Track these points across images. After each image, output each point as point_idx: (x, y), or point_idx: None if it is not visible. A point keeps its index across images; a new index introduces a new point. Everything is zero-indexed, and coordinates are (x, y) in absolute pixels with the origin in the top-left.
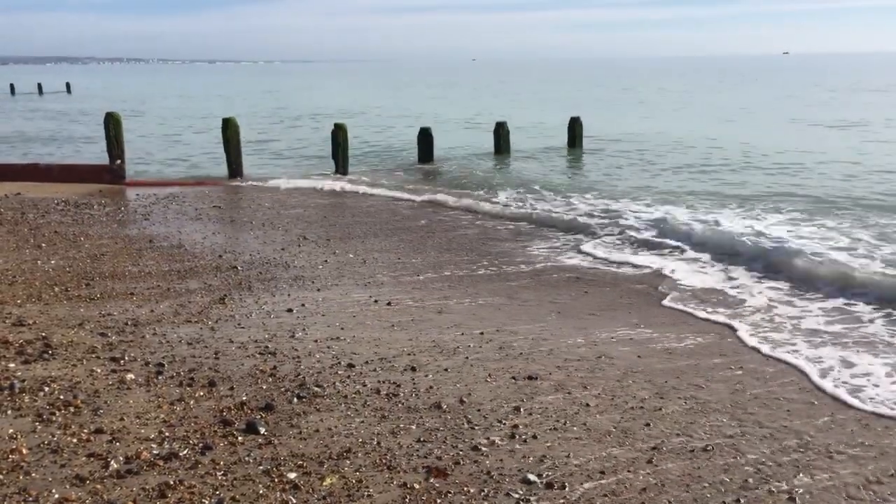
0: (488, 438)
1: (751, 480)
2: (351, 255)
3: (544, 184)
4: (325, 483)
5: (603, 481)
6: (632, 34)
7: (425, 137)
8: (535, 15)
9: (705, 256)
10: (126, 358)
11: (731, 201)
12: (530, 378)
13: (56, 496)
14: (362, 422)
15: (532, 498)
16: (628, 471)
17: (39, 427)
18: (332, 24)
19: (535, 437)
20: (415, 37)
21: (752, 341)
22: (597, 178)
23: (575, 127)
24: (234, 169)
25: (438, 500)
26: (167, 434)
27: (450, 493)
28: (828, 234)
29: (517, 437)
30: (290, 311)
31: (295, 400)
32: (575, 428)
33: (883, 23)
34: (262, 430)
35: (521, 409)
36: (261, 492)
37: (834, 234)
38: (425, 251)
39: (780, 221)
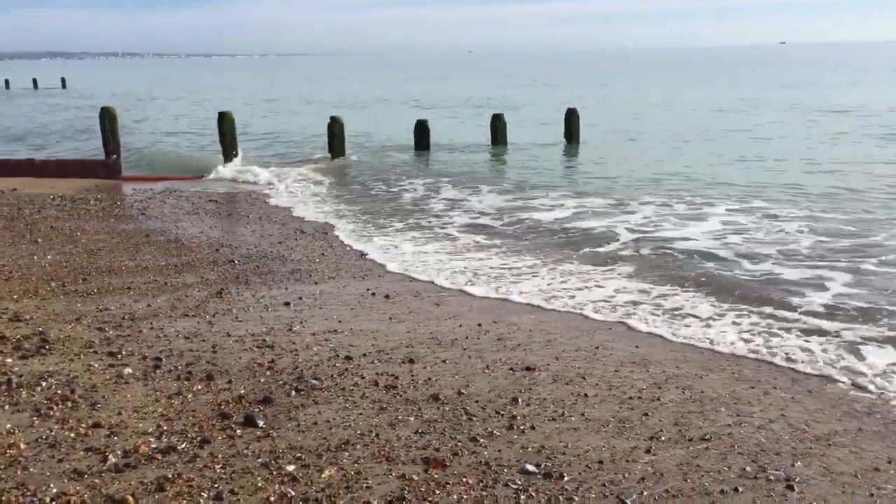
0: (487, 429)
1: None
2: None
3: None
4: (323, 475)
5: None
6: (629, 26)
7: (421, 129)
8: (532, 7)
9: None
10: (123, 352)
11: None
12: (528, 369)
13: (54, 490)
14: (360, 414)
15: (531, 488)
16: (627, 460)
17: (37, 422)
18: (327, 18)
19: (533, 427)
20: (412, 30)
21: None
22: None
23: (571, 119)
24: (229, 158)
25: (437, 492)
26: (165, 428)
27: (448, 483)
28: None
29: (515, 427)
30: (287, 304)
31: (293, 393)
32: (573, 418)
33: (882, 10)
34: (261, 423)
35: (519, 400)
36: (259, 484)
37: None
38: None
39: None
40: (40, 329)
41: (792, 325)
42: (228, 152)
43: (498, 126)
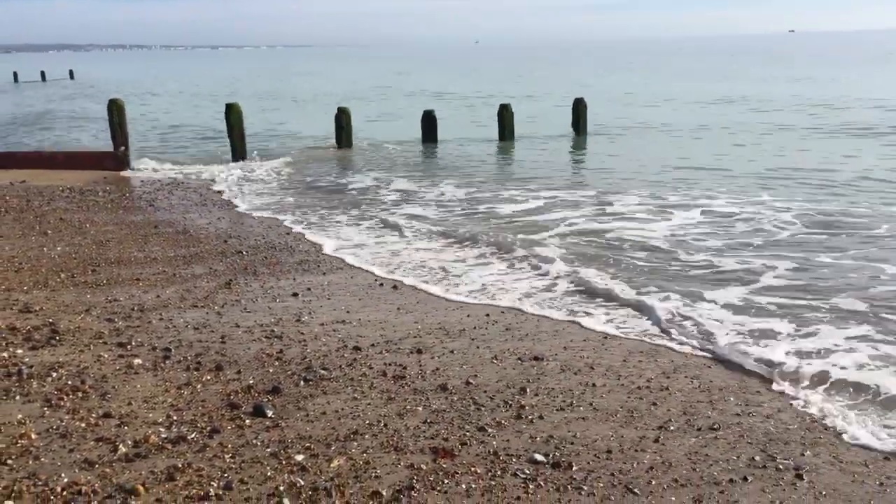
0: (495, 419)
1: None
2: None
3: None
4: (332, 465)
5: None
6: (638, 14)
7: (429, 120)
8: None
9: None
10: (133, 343)
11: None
12: (536, 359)
13: (65, 480)
14: (369, 404)
15: (539, 477)
16: (635, 450)
17: (48, 412)
18: (334, 9)
19: (541, 417)
20: (418, 21)
21: None
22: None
23: (579, 108)
24: (238, 154)
25: (446, 481)
26: (175, 418)
27: (457, 473)
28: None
29: (524, 417)
30: (295, 295)
31: (302, 383)
32: (581, 408)
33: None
34: (270, 413)
35: (528, 390)
36: (269, 474)
37: None
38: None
39: None
40: (50, 320)
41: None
42: (237, 149)
43: (505, 117)
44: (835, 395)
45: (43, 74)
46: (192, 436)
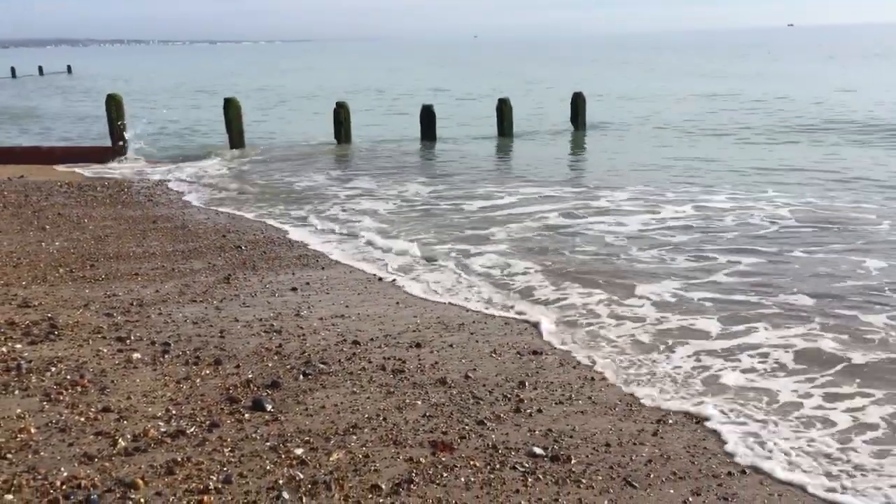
0: (494, 413)
1: None
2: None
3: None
4: (331, 458)
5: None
6: (636, 9)
7: (428, 115)
8: None
9: None
10: (132, 337)
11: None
12: (535, 353)
13: (65, 474)
14: (368, 398)
15: (538, 471)
16: (634, 443)
17: (47, 406)
18: (331, 4)
19: (540, 411)
20: (416, 15)
21: None
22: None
23: (578, 102)
24: (237, 145)
25: (445, 474)
26: (174, 412)
27: (456, 466)
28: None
29: (523, 411)
30: (294, 289)
31: (301, 377)
32: (580, 401)
33: None
34: (269, 408)
35: (527, 384)
36: (268, 468)
37: None
38: None
39: None
40: (49, 315)
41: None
42: (235, 140)
43: (504, 112)
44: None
45: (41, 69)
46: (192, 430)
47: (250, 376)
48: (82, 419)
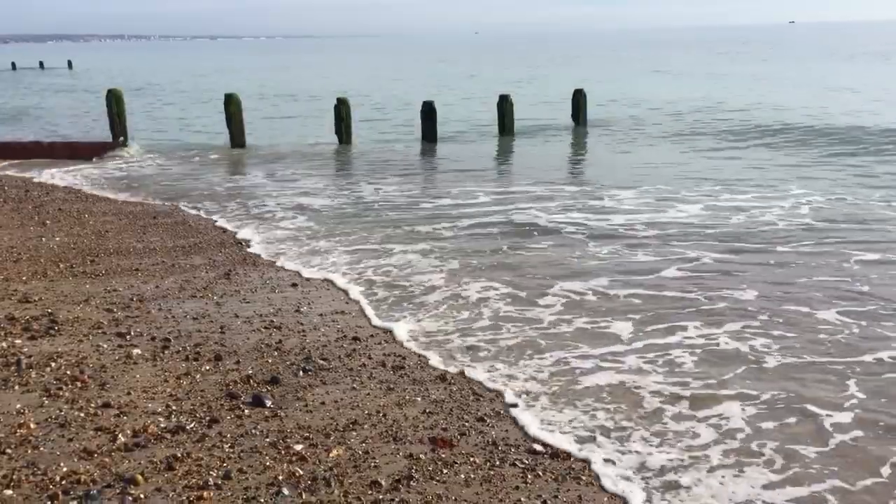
0: (494, 409)
1: None
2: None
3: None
4: (331, 454)
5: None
6: (635, 6)
7: (429, 113)
8: None
9: None
10: (132, 333)
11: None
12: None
13: (64, 469)
14: (368, 394)
15: (538, 467)
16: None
17: (47, 402)
18: (332, 2)
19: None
20: (417, 12)
21: None
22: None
23: (579, 99)
24: (237, 144)
25: (445, 471)
26: (174, 408)
27: (456, 463)
28: None
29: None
30: (294, 285)
31: (300, 373)
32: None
33: None
34: (269, 403)
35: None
36: (268, 463)
37: None
38: None
39: None
40: (49, 310)
41: None
42: (236, 139)
43: (505, 108)
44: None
45: (41, 64)
46: (191, 426)
47: (250, 372)
48: (82, 415)
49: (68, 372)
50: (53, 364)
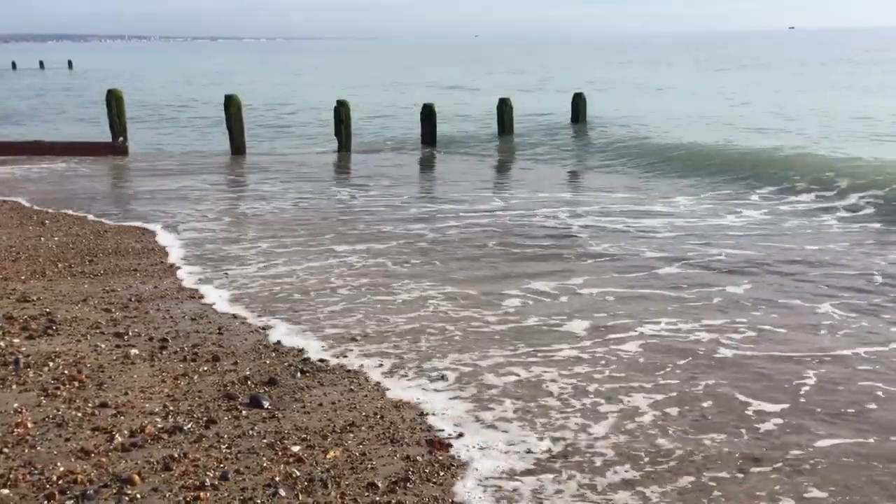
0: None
1: None
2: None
3: None
4: (328, 456)
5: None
6: (635, 10)
7: (429, 116)
8: None
9: None
10: (130, 333)
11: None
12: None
13: (61, 469)
14: (365, 396)
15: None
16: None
17: (44, 401)
18: (332, 3)
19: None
20: (417, 12)
21: None
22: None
23: (578, 103)
24: (238, 146)
25: (441, 473)
26: (171, 408)
27: (453, 465)
28: None
29: None
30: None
31: (298, 374)
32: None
33: None
34: (266, 405)
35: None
36: (265, 464)
37: None
38: None
39: None
40: (47, 310)
41: None
42: (237, 142)
43: (504, 112)
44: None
45: (41, 64)
46: (189, 426)
47: (248, 373)
48: (79, 414)
49: (66, 371)
50: (51, 363)
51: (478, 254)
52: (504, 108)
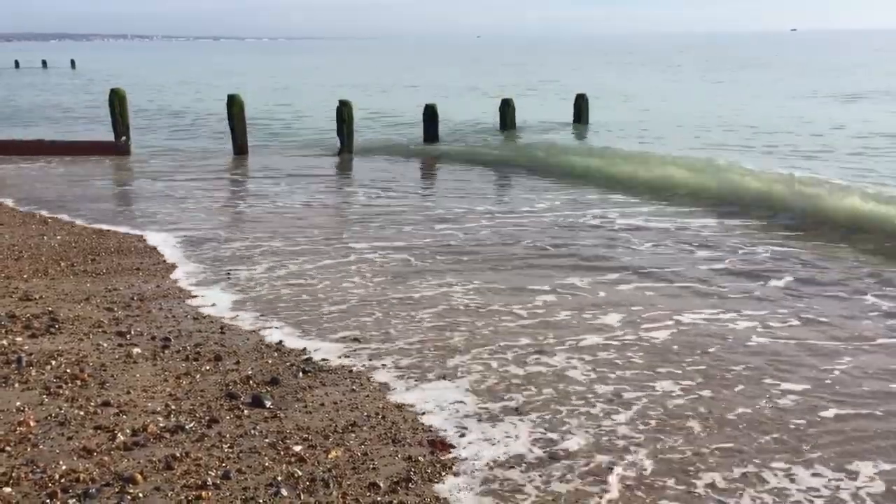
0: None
1: None
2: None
3: None
4: (330, 456)
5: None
6: (636, 10)
7: (431, 115)
8: None
9: None
10: (132, 332)
11: None
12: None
13: (63, 468)
14: (367, 395)
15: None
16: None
17: (47, 400)
18: (332, 3)
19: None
20: (418, 12)
21: None
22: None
23: (581, 105)
24: (240, 145)
25: (443, 473)
26: (173, 407)
27: (454, 465)
28: None
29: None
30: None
31: (300, 374)
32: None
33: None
34: (268, 404)
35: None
36: (267, 464)
37: None
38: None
39: None
40: (50, 308)
41: None
42: (239, 143)
43: (507, 113)
44: None
45: (44, 63)
46: (191, 425)
47: (250, 372)
48: (82, 413)
49: (68, 370)
50: (53, 362)
51: (499, 257)
52: (507, 108)
